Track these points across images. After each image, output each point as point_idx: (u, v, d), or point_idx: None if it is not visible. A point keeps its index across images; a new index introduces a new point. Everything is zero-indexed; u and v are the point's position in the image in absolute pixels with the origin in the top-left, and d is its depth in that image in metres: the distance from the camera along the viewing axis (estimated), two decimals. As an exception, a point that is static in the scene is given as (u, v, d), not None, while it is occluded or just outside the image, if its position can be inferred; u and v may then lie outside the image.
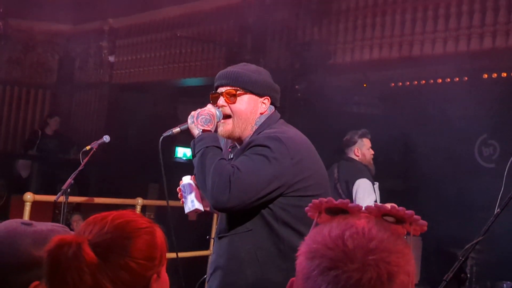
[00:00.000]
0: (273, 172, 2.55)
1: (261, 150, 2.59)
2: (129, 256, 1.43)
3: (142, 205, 6.61)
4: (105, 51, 11.67)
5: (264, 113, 2.84)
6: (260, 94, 2.83)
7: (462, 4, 6.84)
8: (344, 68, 7.91)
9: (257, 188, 2.53)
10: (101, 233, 1.44)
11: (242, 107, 2.79)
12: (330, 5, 7.99)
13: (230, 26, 9.21)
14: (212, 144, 2.68)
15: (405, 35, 7.27)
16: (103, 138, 5.19)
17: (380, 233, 1.11)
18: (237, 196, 2.50)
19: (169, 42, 10.40)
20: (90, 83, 11.91)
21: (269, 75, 2.93)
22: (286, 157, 2.57)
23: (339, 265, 1.07)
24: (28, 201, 5.41)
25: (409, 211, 1.15)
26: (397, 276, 1.08)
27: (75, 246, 1.38)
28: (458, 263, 2.30)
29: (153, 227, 1.54)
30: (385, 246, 1.09)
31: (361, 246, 1.08)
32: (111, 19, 11.56)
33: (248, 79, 2.80)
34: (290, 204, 2.61)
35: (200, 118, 2.76)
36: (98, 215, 1.51)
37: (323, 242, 1.12)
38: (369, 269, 1.06)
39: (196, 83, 10.17)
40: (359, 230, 1.11)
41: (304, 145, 2.74)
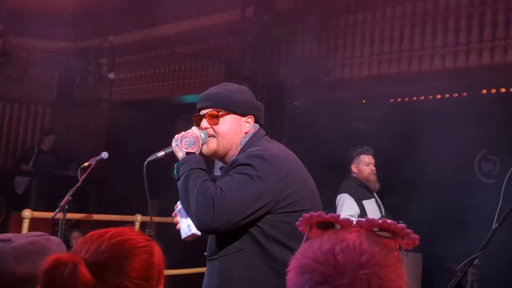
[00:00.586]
0: (257, 190, 2.53)
1: (244, 169, 2.58)
2: (126, 276, 1.41)
3: (141, 222, 6.59)
4: (104, 68, 11.70)
5: (249, 132, 2.84)
6: (243, 114, 2.83)
7: (461, 20, 6.86)
8: (343, 84, 7.92)
9: (241, 207, 2.51)
10: (98, 251, 1.42)
11: (225, 128, 2.80)
12: (329, 21, 8.02)
13: (229, 43, 9.24)
14: (195, 166, 2.68)
15: (403, 51, 7.28)
16: (102, 154, 5.18)
17: (371, 247, 1.10)
18: (221, 217, 2.48)
19: (169, 59, 10.43)
20: (89, 100, 11.93)
21: (251, 93, 2.93)
22: (270, 174, 2.56)
23: (330, 280, 1.06)
24: (27, 218, 5.40)
25: (400, 225, 1.14)
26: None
27: (70, 266, 1.36)
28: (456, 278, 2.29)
29: (151, 246, 1.52)
30: (376, 260, 1.08)
31: (352, 260, 1.07)
32: (111, 36, 11.61)
33: (230, 100, 2.82)
34: (280, 221, 2.59)
35: (184, 140, 2.78)
36: (95, 232, 1.49)
37: (314, 257, 1.11)
38: (360, 284, 1.05)
39: (195, 100, 10.08)
40: (350, 244, 1.10)
41: (288, 160, 2.73)
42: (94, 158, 5.17)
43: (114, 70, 11.64)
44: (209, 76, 9.63)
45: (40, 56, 12.18)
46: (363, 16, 7.77)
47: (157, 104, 10.98)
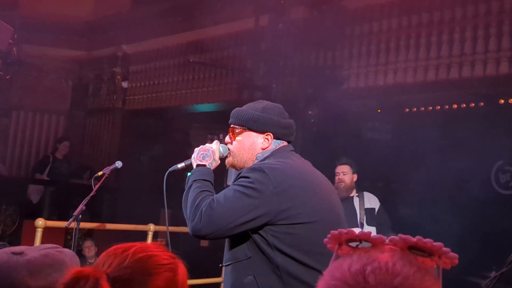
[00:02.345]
0: (250, 201, 2.65)
1: (242, 181, 2.72)
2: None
3: (154, 231, 6.56)
4: (118, 77, 11.72)
5: (267, 148, 2.97)
6: (259, 131, 2.98)
7: (478, 29, 6.78)
8: (357, 93, 7.86)
9: (229, 217, 2.63)
10: (121, 267, 1.38)
11: (240, 143, 2.99)
12: (343, 30, 7.97)
13: (243, 52, 9.21)
14: (199, 177, 2.88)
15: (420, 60, 7.22)
16: (115, 163, 5.16)
17: (406, 268, 1.02)
18: (208, 226, 2.64)
19: (182, 68, 10.43)
20: (103, 109, 11.95)
21: (278, 112, 3.04)
22: (267, 186, 2.66)
23: None
24: (40, 227, 5.39)
25: (437, 243, 1.07)
26: None
27: (92, 281, 1.32)
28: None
29: (176, 264, 1.48)
30: (411, 283, 1.00)
31: (384, 283, 0.99)
32: (124, 45, 11.63)
33: (248, 117, 2.97)
34: (282, 232, 2.67)
35: (200, 153, 3.02)
36: (119, 246, 1.46)
37: (343, 278, 1.03)
38: None
39: (209, 109, 10.17)
40: (382, 265, 1.02)
41: (294, 175, 2.80)
42: (108, 167, 5.14)
43: (128, 79, 11.66)
44: (223, 85, 9.62)
45: (54, 65, 12.24)
46: (378, 25, 7.72)
47: (171, 113, 10.98)
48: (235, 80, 9.24)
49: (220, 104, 9.77)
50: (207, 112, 10.34)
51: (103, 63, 12.03)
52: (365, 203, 6.18)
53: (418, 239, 1.07)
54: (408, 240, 1.07)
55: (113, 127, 11.71)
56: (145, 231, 6.48)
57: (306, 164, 3.02)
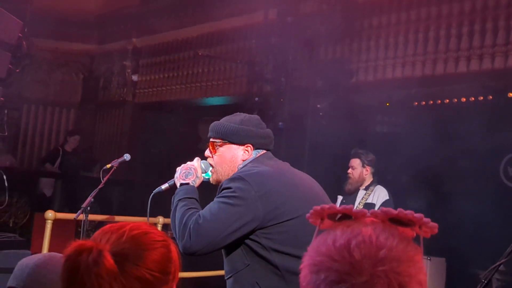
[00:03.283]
0: (235, 210, 2.67)
1: (224, 192, 2.75)
2: (145, 268, 1.42)
3: (163, 224, 6.61)
4: (128, 70, 11.77)
5: (247, 159, 2.99)
6: (239, 143, 2.99)
7: (486, 22, 6.77)
8: (366, 87, 7.87)
9: (218, 229, 2.66)
10: (119, 242, 1.43)
11: (221, 157, 3.01)
12: (352, 23, 7.97)
13: (252, 45, 9.23)
14: (184, 196, 2.90)
15: (428, 54, 7.22)
16: (124, 156, 5.21)
17: (389, 240, 1.04)
18: (198, 242, 2.66)
19: (191, 61, 10.46)
20: (113, 102, 12.00)
21: (255, 123, 3.05)
22: (249, 192, 2.69)
23: (347, 278, 1.00)
24: (50, 219, 5.45)
25: (418, 214, 1.09)
26: (408, 286, 1.01)
27: (96, 253, 1.37)
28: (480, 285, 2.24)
29: (168, 242, 1.53)
30: (394, 255, 1.02)
31: (369, 256, 1.01)
32: (134, 38, 11.67)
33: (227, 130, 2.99)
34: (274, 232, 2.70)
35: (182, 172, 3.04)
36: (114, 224, 1.51)
37: (328, 254, 1.05)
38: (379, 282, 0.99)
39: (218, 102, 10.20)
40: (366, 239, 1.04)
41: (271, 176, 2.83)
42: (117, 160, 5.19)
43: (138, 72, 11.71)
44: (232, 79, 9.64)
45: (65, 59, 12.30)
46: (387, 18, 7.71)
47: (180, 106, 11.02)
48: (245, 74, 9.26)
49: (230, 98, 9.80)
50: (217, 105, 10.37)
51: (114, 57, 12.08)
52: (370, 198, 6.13)
53: (399, 211, 1.09)
54: (388, 213, 1.09)
55: (123, 120, 11.77)
56: (155, 224, 6.53)
57: (284, 165, 3.04)
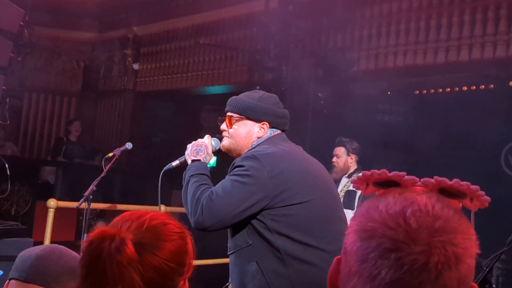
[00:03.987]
0: (247, 188, 2.73)
1: (237, 170, 2.82)
2: (163, 258, 1.44)
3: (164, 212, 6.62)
4: (129, 59, 11.76)
5: (262, 137, 3.06)
6: (256, 120, 3.06)
7: (488, 10, 6.76)
8: (368, 75, 7.86)
9: (230, 207, 2.71)
10: (140, 231, 1.45)
11: (237, 131, 3.07)
12: (354, 12, 7.96)
13: (253, 34, 9.21)
14: (196, 172, 2.96)
15: (430, 42, 7.20)
16: (126, 145, 5.22)
17: (445, 211, 1.00)
18: (210, 218, 2.71)
19: (192, 50, 10.45)
20: (114, 90, 12.00)
21: (273, 102, 3.11)
22: (262, 172, 2.75)
23: (402, 247, 0.96)
24: (52, 207, 5.46)
25: (474, 186, 1.07)
26: (464, 260, 0.98)
27: (119, 240, 1.38)
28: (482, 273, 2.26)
29: (185, 234, 1.56)
30: (451, 226, 0.99)
31: (426, 226, 0.97)
32: (135, 27, 11.66)
33: (246, 106, 3.06)
34: (280, 214, 2.75)
35: (193, 149, 3.11)
36: (134, 212, 1.53)
37: (381, 220, 1.00)
38: (435, 252, 0.96)
39: (219, 91, 10.19)
40: (422, 207, 0.99)
41: (286, 158, 2.89)
42: (118, 148, 5.21)
43: (139, 61, 11.70)
44: (233, 67, 9.63)
45: (66, 47, 12.28)
46: (388, 7, 7.70)
47: (181, 94, 11.02)
48: (246, 62, 9.25)
49: (231, 86, 9.80)
50: (218, 94, 10.37)
51: (114, 45, 12.06)
52: (352, 185, 6.11)
53: (455, 181, 1.07)
54: (443, 183, 1.07)
55: (124, 109, 11.77)
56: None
57: (297, 148, 3.09)
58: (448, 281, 0.96)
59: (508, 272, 6.29)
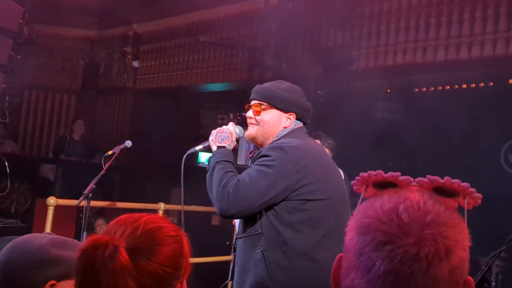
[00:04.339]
0: (272, 179, 2.78)
1: (263, 160, 2.86)
2: (158, 263, 1.43)
3: (164, 210, 6.63)
4: (129, 57, 11.75)
5: (288, 127, 3.08)
6: (284, 110, 3.08)
7: (488, 8, 6.75)
8: (367, 73, 7.85)
9: (255, 196, 2.78)
10: (134, 236, 1.44)
11: (266, 119, 3.08)
12: (353, 9, 7.95)
13: (253, 31, 9.21)
14: (222, 159, 2.99)
15: (429, 40, 7.19)
16: (125, 143, 5.23)
17: (436, 206, 1.06)
18: (236, 205, 2.77)
19: (192, 47, 10.44)
20: (114, 88, 12.00)
21: (300, 94, 3.16)
22: (287, 163, 2.80)
23: (395, 240, 1.02)
24: (51, 205, 5.47)
25: (464, 184, 1.12)
26: (454, 251, 1.03)
27: (112, 248, 1.38)
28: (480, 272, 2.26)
29: (181, 236, 1.54)
30: (441, 220, 1.04)
31: (417, 219, 1.03)
32: (135, 24, 11.65)
33: (274, 95, 3.09)
34: (295, 208, 2.81)
35: (218, 135, 3.13)
36: (129, 216, 1.51)
37: (376, 216, 1.06)
38: (426, 244, 1.01)
39: (219, 88, 10.19)
40: (414, 204, 1.06)
41: (310, 153, 2.94)
42: (118, 146, 5.22)
43: (139, 59, 11.70)
44: (233, 65, 9.63)
45: (65, 45, 12.27)
46: (388, 4, 7.69)
47: (181, 92, 11.02)
48: (245, 60, 9.24)
49: (230, 84, 9.79)
50: (218, 91, 10.37)
51: (114, 43, 12.06)
52: None
53: (446, 179, 1.13)
54: (435, 181, 1.13)
55: (124, 107, 11.76)
56: (155, 210, 6.56)
57: (318, 145, 3.19)
58: (438, 272, 1.01)
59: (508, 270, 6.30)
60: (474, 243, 1.08)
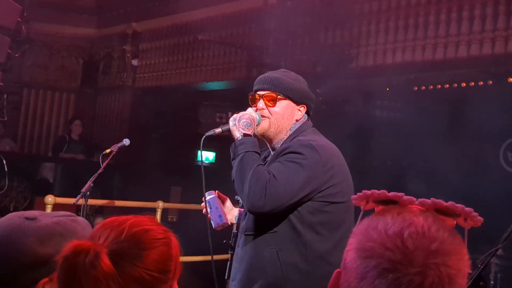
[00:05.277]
0: (306, 178, 2.70)
1: (295, 157, 2.75)
2: (144, 268, 1.39)
3: (163, 208, 6.63)
4: (128, 55, 11.74)
5: (299, 120, 2.99)
6: (297, 101, 2.99)
7: (487, 7, 6.74)
8: (366, 71, 7.85)
9: (290, 194, 2.68)
10: (118, 240, 1.39)
11: (280, 111, 2.96)
12: (352, 8, 7.94)
13: (252, 30, 9.21)
14: (251, 149, 2.84)
15: (428, 38, 7.18)
16: (123, 141, 5.22)
17: (440, 232, 1.07)
18: (271, 202, 2.66)
19: (191, 45, 10.43)
20: (113, 86, 11.99)
21: (306, 84, 3.09)
22: (318, 164, 2.74)
23: (399, 268, 1.02)
24: (50, 203, 5.47)
25: (468, 209, 1.12)
26: (456, 280, 1.05)
27: (93, 255, 1.34)
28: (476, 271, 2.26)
29: (169, 238, 1.49)
30: (446, 248, 1.05)
31: (422, 248, 1.04)
32: (134, 23, 11.63)
33: (288, 86, 2.97)
34: (317, 209, 2.75)
35: (242, 121, 2.92)
36: (115, 219, 1.46)
37: (380, 241, 1.06)
38: (430, 273, 1.02)
39: (218, 87, 10.18)
40: (419, 229, 1.06)
41: (334, 154, 2.90)
42: (116, 144, 5.21)
43: (138, 57, 11.69)
44: (232, 63, 9.61)
45: (64, 43, 12.26)
46: (387, 3, 7.67)
47: (180, 90, 11.01)
48: (244, 58, 9.24)
49: (229, 82, 9.78)
50: (216, 90, 10.36)
51: (113, 41, 12.05)
52: None
53: (450, 204, 1.13)
54: (438, 204, 1.13)
55: (123, 105, 11.75)
56: (154, 208, 6.55)
57: None
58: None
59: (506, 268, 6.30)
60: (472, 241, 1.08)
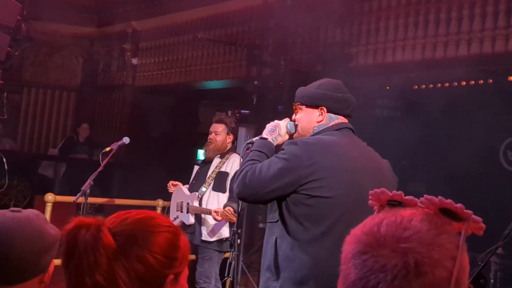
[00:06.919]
0: (279, 169, 2.88)
1: (279, 153, 2.98)
2: (148, 250, 1.41)
3: (162, 207, 6.63)
4: (128, 54, 11.75)
5: (321, 122, 3.15)
6: (313, 106, 3.16)
7: (487, 5, 6.74)
8: (366, 70, 7.85)
9: (264, 184, 2.89)
10: (123, 223, 1.43)
11: (300, 118, 3.21)
12: (352, 6, 7.94)
13: (252, 28, 9.21)
14: (255, 149, 3.16)
15: (428, 37, 7.18)
16: (123, 139, 5.23)
17: (422, 224, 1.09)
18: (246, 190, 2.93)
19: (191, 44, 10.43)
20: (113, 85, 12.00)
21: (332, 87, 3.20)
22: (297, 158, 2.88)
23: (369, 250, 1.07)
24: (49, 202, 5.48)
25: (468, 211, 1.13)
26: (428, 269, 1.04)
27: (94, 228, 1.37)
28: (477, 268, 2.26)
29: (177, 230, 1.51)
30: (420, 237, 1.07)
31: (394, 234, 1.07)
32: (134, 21, 11.64)
33: (300, 94, 3.21)
34: (300, 201, 2.90)
35: (269, 128, 3.28)
36: (122, 212, 1.51)
37: (363, 228, 1.12)
38: (395, 256, 1.04)
39: (218, 86, 10.18)
40: (398, 219, 1.10)
41: (324, 150, 2.96)
42: (116, 143, 5.21)
43: (138, 56, 11.69)
44: (232, 62, 9.62)
45: (64, 42, 12.27)
46: (387, 1, 7.68)
47: (180, 89, 11.01)
48: (244, 57, 9.23)
49: (229, 81, 9.79)
50: (216, 89, 10.36)
51: (113, 40, 12.05)
52: (224, 166, 5.82)
53: (449, 202, 1.13)
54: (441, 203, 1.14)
55: (123, 104, 11.76)
56: (154, 206, 6.56)
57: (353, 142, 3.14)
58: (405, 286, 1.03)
59: (506, 267, 6.30)
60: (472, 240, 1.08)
